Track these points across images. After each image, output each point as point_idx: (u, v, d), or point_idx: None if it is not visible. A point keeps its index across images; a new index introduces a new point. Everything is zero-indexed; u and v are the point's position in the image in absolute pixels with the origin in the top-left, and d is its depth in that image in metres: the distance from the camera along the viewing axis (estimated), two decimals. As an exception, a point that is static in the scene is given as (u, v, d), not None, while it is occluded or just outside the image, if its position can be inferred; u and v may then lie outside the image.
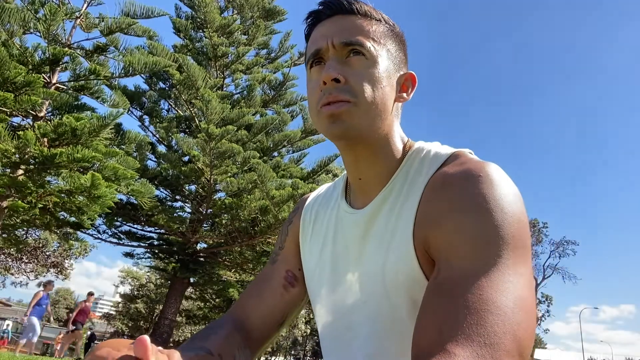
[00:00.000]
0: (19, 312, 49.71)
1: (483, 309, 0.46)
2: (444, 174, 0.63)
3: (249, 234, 10.47)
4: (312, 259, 0.80)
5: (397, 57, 0.71)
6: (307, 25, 0.72)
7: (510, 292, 0.48)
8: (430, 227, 0.59)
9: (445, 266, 0.53)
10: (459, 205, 0.57)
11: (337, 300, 0.73)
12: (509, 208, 0.55)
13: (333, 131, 0.64)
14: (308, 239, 0.82)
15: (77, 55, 8.09)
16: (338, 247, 0.75)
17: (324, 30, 0.68)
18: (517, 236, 0.53)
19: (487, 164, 0.61)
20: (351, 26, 0.67)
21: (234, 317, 0.77)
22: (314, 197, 0.89)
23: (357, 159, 0.70)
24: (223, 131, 9.08)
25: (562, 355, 40.22)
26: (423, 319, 0.50)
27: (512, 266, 0.51)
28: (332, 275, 0.74)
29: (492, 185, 0.57)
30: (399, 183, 0.69)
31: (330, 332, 0.75)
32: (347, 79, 0.64)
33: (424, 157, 0.70)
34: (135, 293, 26.73)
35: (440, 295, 0.50)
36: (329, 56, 0.66)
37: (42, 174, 7.11)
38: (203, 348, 0.63)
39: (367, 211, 0.70)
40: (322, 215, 0.82)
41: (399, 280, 0.63)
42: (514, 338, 0.45)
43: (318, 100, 0.65)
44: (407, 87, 0.72)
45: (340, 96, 0.63)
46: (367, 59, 0.65)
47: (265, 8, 13.22)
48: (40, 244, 19.04)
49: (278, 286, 0.81)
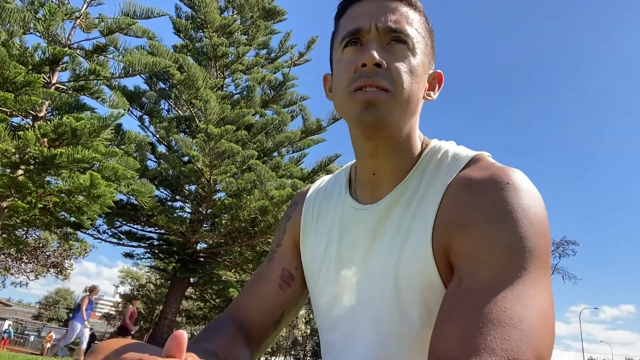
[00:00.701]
0: (19, 312, 49.74)
1: (507, 323, 0.45)
2: (467, 178, 0.61)
3: (248, 234, 10.47)
4: (315, 256, 0.76)
5: (430, 54, 0.69)
6: (342, 3, 0.69)
7: (534, 307, 0.48)
8: (454, 232, 0.58)
9: (469, 275, 0.52)
10: (486, 213, 0.55)
11: (341, 299, 0.70)
12: (535, 219, 0.54)
13: (366, 118, 0.61)
14: (311, 235, 0.79)
15: (77, 56, 8.09)
16: (344, 245, 0.72)
17: (368, 10, 0.64)
18: (542, 249, 0.52)
19: (513, 171, 0.59)
20: (398, 12, 0.64)
21: (233, 317, 0.76)
22: (314, 190, 0.85)
23: (376, 151, 0.67)
24: (222, 131, 9.07)
25: (562, 355, 40.21)
26: (444, 327, 0.49)
27: (536, 280, 0.50)
28: (337, 274, 0.71)
29: (520, 194, 0.55)
30: (415, 181, 0.66)
31: (331, 333, 0.72)
32: (389, 66, 0.61)
33: (441, 158, 0.67)
34: (135, 293, 26.71)
35: (463, 304, 0.49)
36: (369, 38, 0.63)
37: (42, 174, 7.11)
38: (209, 351, 0.62)
39: (379, 207, 0.68)
40: (326, 211, 0.78)
41: (414, 282, 0.61)
42: (536, 354, 0.45)
43: (351, 82, 0.62)
44: (434, 86, 0.70)
45: (381, 82, 0.60)
46: (409, 49, 0.63)
47: (265, 8, 13.22)
48: (40, 244, 19.03)
49: (274, 285, 0.78)
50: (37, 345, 25.93)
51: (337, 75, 0.66)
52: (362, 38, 0.63)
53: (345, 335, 0.69)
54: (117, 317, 27.86)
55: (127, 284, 30.27)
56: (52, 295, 49.52)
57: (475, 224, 0.56)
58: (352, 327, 0.68)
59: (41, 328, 34.58)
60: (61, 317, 47.11)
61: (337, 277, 0.71)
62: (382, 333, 0.64)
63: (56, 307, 48.51)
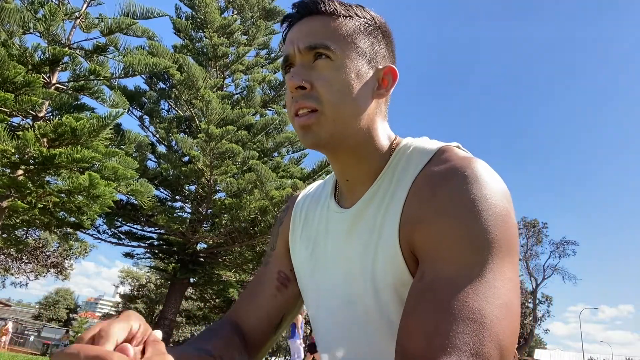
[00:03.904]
0: (19, 312, 49.75)
1: (469, 318, 0.46)
2: (429, 173, 0.61)
3: (248, 234, 10.47)
4: (302, 259, 0.78)
5: (372, 53, 0.67)
6: (282, 31, 0.71)
7: (496, 299, 0.48)
8: (415, 228, 0.58)
9: (430, 270, 0.52)
10: (445, 206, 0.55)
11: (325, 300, 0.72)
12: (495, 209, 0.53)
13: (306, 142, 0.64)
14: (298, 239, 0.81)
15: (76, 56, 8.09)
16: (327, 247, 0.73)
17: (292, 35, 0.66)
18: (503, 238, 0.52)
19: (473, 160, 0.58)
20: (316, 28, 0.64)
21: (232, 321, 0.76)
22: (303, 196, 0.87)
23: (340, 162, 0.69)
24: (223, 131, 9.08)
25: (562, 355, 40.19)
26: (408, 323, 0.50)
27: (498, 270, 0.50)
28: (322, 275, 0.73)
29: (478, 184, 0.55)
30: (386, 181, 0.67)
31: (322, 333, 0.74)
32: (313, 85, 0.62)
33: (410, 154, 0.67)
34: (135, 293, 26.72)
35: (426, 299, 0.50)
36: (295, 62, 0.65)
37: (42, 174, 7.11)
38: (204, 349, 0.62)
39: (353, 210, 0.69)
40: (312, 215, 0.80)
41: (388, 280, 0.61)
42: (498, 346, 0.45)
43: (289, 107, 0.65)
44: (387, 82, 0.69)
45: (306, 103, 0.62)
46: (333, 60, 0.63)
47: (266, 8, 13.23)
48: (40, 244, 19.03)
49: (271, 288, 0.79)
50: (37, 346, 25.93)
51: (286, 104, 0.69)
52: (292, 63, 0.66)
53: (333, 335, 0.70)
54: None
55: (127, 284, 30.26)
56: (52, 295, 49.53)
57: (434, 217, 0.56)
58: (337, 327, 0.69)
59: (41, 328, 34.57)
60: (61, 317, 47.12)
61: (322, 278, 0.73)
62: (364, 331, 0.65)
63: (56, 307, 48.50)
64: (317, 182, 0.89)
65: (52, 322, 44.12)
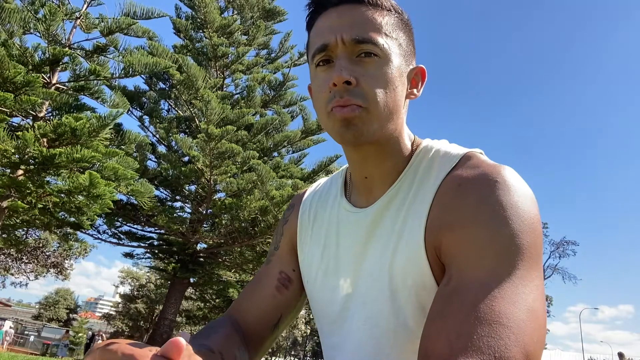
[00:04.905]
0: (19, 312, 49.73)
1: (495, 321, 0.45)
2: (458, 177, 0.61)
3: (248, 234, 10.47)
4: (313, 260, 0.76)
5: (407, 50, 0.66)
6: (309, 13, 0.67)
7: (522, 304, 0.48)
8: (445, 232, 0.58)
9: (458, 274, 0.52)
10: (475, 212, 0.55)
11: (337, 302, 0.70)
12: (525, 216, 0.54)
13: (345, 137, 0.61)
14: (308, 239, 0.79)
15: (77, 56, 8.08)
16: (340, 248, 0.72)
17: (332, 23, 0.62)
18: (531, 245, 0.52)
19: (503, 168, 0.59)
20: (362, 19, 0.61)
21: (232, 319, 0.76)
22: (310, 193, 0.85)
23: (364, 158, 0.68)
24: (223, 131, 9.08)
25: (562, 355, 40.18)
26: (433, 326, 0.49)
27: (526, 276, 0.50)
28: (334, 277, 0.72)
29: (509, 191, 0.55)
30: (407, 183, 0.66)
31: (330, 336, 0.72)
32: (359, 81, 0.60)
33: (433, 157, 0.67)
34: (135, 293, 26.70)
35: (452, 303, 0.49)
36: (337, 53, 0.61)
37: (42, 174, 7.11)
38: (204, 345, 0.62)
39: (372, 210, 0.68)
40: (322, 214, 0.78)
41: (407, 283, 0.61)
42: (523, 351, 0.45)
43: (328, 101, 0.61)
44: (417, 82, 0.68)
45: (352, 100, 0.59)
46: (380, 58, 0.61)
47: (266, 8, 13.23)
48: (40, 244, 19.02)
49: (271, 288, 0.78)
50: (37, 346, 25.93)
51: (315, 93, 0.66)
52: (331, 54, 0.62)
53: (343, 337, 0.69)
54: (117, 318, 27.83)
55: (127, 284, 30.25)
56: (52, 295, 49.47)
57: (464, 223, 0.56)
58: (349, 329, 0.68)
59: (41, 328, 34.57)
60: (61, 317, 47.10)
61: (334, 280, 0.72)
62: (377, 334, 0.64)
63: (56, 307, 48.44)
64: (323, 179, 0.88)
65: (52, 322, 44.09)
